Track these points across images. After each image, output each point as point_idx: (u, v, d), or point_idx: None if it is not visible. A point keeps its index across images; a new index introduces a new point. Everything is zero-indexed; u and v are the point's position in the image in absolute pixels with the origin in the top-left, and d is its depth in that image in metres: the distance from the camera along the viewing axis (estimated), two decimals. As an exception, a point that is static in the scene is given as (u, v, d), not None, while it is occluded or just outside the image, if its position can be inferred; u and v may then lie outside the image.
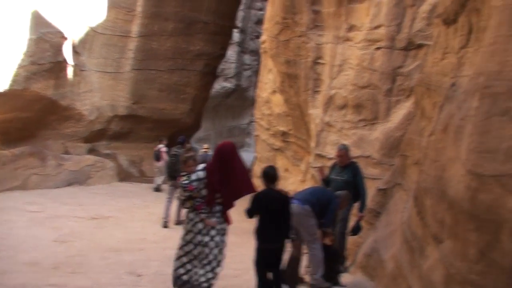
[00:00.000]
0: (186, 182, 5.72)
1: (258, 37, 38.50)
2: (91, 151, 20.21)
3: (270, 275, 5.76)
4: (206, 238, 5.56)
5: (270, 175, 5.89)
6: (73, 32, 17.88)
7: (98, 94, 19.98)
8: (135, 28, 20.50)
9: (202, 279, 5.49)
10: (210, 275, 5.53)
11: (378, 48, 9.19)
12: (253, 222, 5.92)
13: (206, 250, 5.55)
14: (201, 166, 5.81)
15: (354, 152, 8.93)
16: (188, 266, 5.62)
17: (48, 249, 8.34)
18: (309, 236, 6.36)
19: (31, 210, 12.05)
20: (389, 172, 7.90)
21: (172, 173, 11.64)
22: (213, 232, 5.59)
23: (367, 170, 8.59)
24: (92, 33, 19.30)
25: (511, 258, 3.14)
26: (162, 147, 17.40)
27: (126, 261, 7.82)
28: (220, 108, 39.78)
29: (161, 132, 23.09)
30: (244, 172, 5.89)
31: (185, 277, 5.61)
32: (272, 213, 5.67)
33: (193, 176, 5.68)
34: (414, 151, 6.24)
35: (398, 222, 6.01)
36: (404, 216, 5.43)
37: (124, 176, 20.32)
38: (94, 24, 19.24)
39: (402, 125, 8.29)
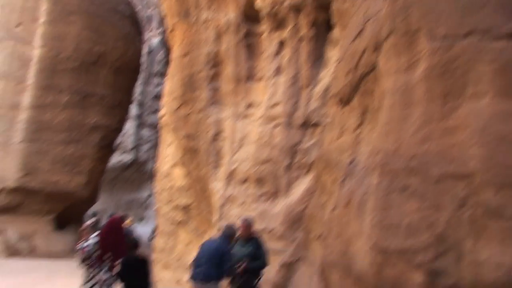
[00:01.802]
0: (80, 247, 8.09)
1: (156, 111, 38.48)
2: (-26, 226, 18.71)
3: None
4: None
5: (132, 244, 7.64)
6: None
7: (-16, 166, 18.74)
8: (26, 99, 19.75)
9: None
10: None
11: (276, 125, 9.49)
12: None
13: None
14: (95, 234, 8.02)
15: (257, 226, 8.97)
16: None
17: None
18: None
19: None
20: (293, 246, 7.98)
21: None
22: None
23: (271, 244, 8.63)
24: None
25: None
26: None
27: None
28: (118, 181, 38.64)
29: (55, 206, 21.92)
30: (123, 241, 8.02)
31: None
32: (133, 271, 7.36)
33: (86, 243, 7.91)
34: (317, 226, 6.39)
35: (304, 297, 6.03)
36: (311, 291, 5.46)
37: (12, 251, 18.91)
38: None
39: (303, 200, 8.48)
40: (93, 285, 7.70)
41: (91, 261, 7.81)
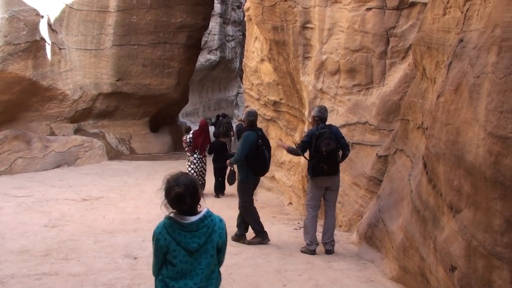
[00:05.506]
0: (184, 138, 12.42)
1: (239, 7, 37.83)
2: (77, 131, 19.79)
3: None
4: (192, 166, 12.28)
5: (218, 134, 13.43)
6: (48, 10, 17.16)
7: (80, 73, 19.45)
8: (113, 2, 19.85)
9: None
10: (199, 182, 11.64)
11: (368, 9, 8.79)
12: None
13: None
14: (191, 131, 12.56)
15: (350, 119, 8.62)
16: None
17: (38, 235, 8.00)
18: None
19: (19, 195, 11.71)
20: (388, 138, 7.60)
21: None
22: (197, 164, 12.31)
23: (365, 137, 8.30)
24: (68, 10, 18.62)
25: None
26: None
27: (121, 244, 7.50)
28: (206, 81, 39.23)
29: (149, 108, 22.70)
30: (209, 137, 12.71)
31: None
32: (218, 149, 12.29)
33: (187, 136, 12.31)
34: (416, 115, 5.92)
35: (403, 191, 5.73)
36: (412, 185, 5.14)
37: (113, 154, 19.97)
38: (69, 0, 18.52)
39: (399, 88, 7.95)
40: (190, 163, 12.31)
41: (189, 148, 12.21)
